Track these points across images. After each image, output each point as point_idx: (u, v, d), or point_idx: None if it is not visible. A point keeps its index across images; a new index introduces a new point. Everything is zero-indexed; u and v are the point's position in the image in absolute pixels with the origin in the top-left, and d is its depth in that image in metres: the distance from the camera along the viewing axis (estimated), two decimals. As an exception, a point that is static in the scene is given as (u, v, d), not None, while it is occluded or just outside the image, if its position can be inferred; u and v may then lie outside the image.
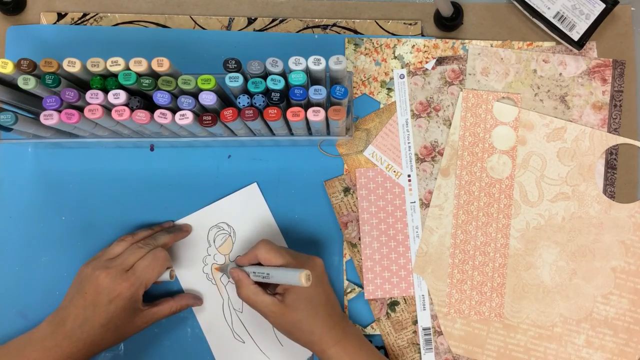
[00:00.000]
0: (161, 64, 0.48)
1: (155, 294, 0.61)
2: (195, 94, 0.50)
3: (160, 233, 0.58)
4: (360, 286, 0.61)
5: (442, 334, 0.61)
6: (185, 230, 0.61)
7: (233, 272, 0.55)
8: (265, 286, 0.54)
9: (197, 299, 0.60)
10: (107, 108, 0.50)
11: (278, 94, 0.49)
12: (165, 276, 0.57)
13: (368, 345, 0.56)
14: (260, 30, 0.64)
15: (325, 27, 0.64)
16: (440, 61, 0.63)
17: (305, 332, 0.53)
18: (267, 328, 0.60)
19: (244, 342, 0.60)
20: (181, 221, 0.62)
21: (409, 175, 0.62)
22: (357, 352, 0.54)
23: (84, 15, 0.64)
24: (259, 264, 0.55)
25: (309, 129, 0.57)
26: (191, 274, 0.61)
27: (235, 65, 0.48)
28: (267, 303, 0.52)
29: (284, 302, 0.52)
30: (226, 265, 0.61)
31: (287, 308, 0.52)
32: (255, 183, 0.62)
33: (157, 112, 0.50)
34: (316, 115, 0.50)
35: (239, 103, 0.50)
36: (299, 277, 0.49)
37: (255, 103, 0.49)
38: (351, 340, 0.54)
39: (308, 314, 0.52)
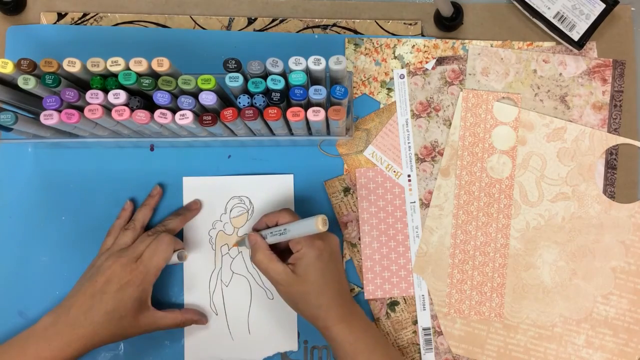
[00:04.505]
0: (161, 64, 0.48)
1: (160, 301, 0.61)
2: (195, 94, 0.50)
3: (169, 218, 0.60)
4: (360, 286, 0.61)
5: (442, 334, 0.61)
6: (195, 208, 0.61)
7: (251, 235, 0.55)
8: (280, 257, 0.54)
9: (203, 317, 0.60)
10: (107, 108, 0.50)
11: (278, 94, 0.49)
12: (175, 259, 0.58)
13: (374, 328, 0.56)
14: (260, 30, 0.64)
15: (325, 27, 0.64)
16: (440, 61, 0.63)
17: (312, 305, 0.53)
18: (242, 313, 0.61)
19: (216, 314, 0.61)
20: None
21: (409, 175, 0.62)
22: (363, 332, 0.54)
23: (84, 15, 0.64)
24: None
25: (309, 129, 0.57)
26: (197, 234, 0.62)
27: (235, 65, 0.48)
28: (279, 271, 0.53)
29: (295, 272, 0.53)
30: (244, 238, 0.60)
31: (297, 278, 0.52)
32: (292, 175, 0.62)
33: (157, 112, 0.50)
34: (316, 115, 0.50)
35: (239, 103, 0.49)
36: (316, 222, 0.49)
37: (255, 103, 0.49)
38: (357, 321, 0.54)
39: (318, 286, 0.53)
